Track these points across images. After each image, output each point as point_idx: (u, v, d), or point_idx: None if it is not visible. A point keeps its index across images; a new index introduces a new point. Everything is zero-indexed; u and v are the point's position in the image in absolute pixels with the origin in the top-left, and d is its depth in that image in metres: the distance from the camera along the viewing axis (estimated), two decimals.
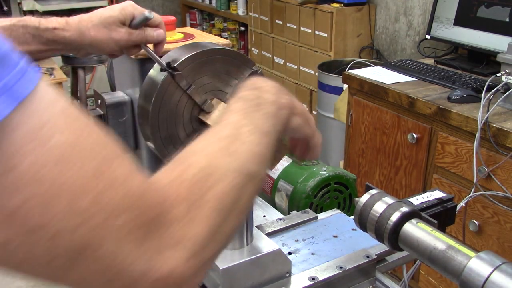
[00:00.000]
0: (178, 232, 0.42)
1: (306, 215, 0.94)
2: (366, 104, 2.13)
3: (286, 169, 1.08)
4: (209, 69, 1.06)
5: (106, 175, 0.38)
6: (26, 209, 0.34)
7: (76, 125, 0.38)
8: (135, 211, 0.39)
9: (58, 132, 0.36)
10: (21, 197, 0.34)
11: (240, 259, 0.71)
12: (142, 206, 0.40)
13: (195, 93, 1.04)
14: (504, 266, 0.54)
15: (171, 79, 1.01)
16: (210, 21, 4.55)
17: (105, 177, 0.38)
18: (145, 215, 0.40)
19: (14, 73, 0.35)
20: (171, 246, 0.41)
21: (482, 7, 2.12)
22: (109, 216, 0.37)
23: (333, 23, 2.86)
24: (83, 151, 0.37)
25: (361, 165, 2.24)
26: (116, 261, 0.38)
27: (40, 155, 0.35)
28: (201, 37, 1.32)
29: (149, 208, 0.40)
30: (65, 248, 0.36)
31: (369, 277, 0.81)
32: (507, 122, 1.60)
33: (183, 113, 1.06)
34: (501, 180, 1.61)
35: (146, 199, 0.40)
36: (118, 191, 0.38)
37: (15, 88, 0.34)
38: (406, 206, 0.65)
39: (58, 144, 0.36)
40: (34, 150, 0.35)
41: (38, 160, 0.35)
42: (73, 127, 0.37)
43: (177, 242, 0.42)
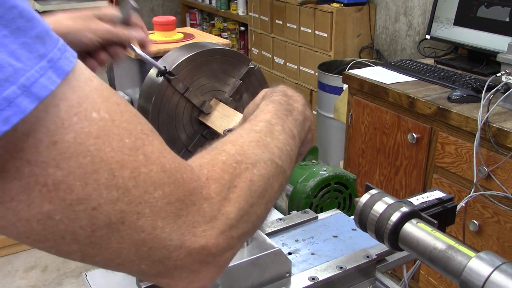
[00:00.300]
0: (211, 209, 0.44)
1: (306, 215, 0.94)
2: (366, 104, 2.13)
3: None
4: (206, 70, 1.06)
5: (141, 151, 0.39)
6: (68, 182, 0.35)
7: (111, 102, 0.39)
8: (170, 185, 0.40)
9: (96, 108, 0.37)
10: (64, 171, 0.35)
11: (240, 259, 0.71)
12: (176, 182, 0.41)
13: (193, 96, 1.04)
14: (504, 266, 0.54)
15: (168, 83, 1.01)
16: (210, 21, 4.56)
17: (140, 152, 0.39)
18: (180, 190, 0.41)
19: (57, 50, 0.35)
20: (205, 222, 0.43)
21: (482, 7, 2.12)
22: (146, 190, 0.39)
23: (333, 23, 2.86)
24: (119, 127, 0.38)
25: (361, 165, 2.24)
26: (153, 234, 0.40)
27: (81, 129, 0.36)
28: (201, 37, 1.32)
29: (183, 184, 0.42)
30: (105, 220, 0.37)
31: (369, 277, 0.81)
32: (507, 122, 1.60)
33: (183, 115, 1.06)
34: (501, 180, 1.61)
35: (180, 175, 0.42)
36: (153, 166, 0.39)
37: (59, 64, 0.35)
38: (406, 206, 0.65)
39: (97, 119, 0.37)
40: (76, 124, 0.36)
41: (79, 135, 0.36)
42: (108, 104, 0.38)
43: (210, 219, 0.43)
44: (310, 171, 1.04)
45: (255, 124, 0.56)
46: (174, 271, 0.43)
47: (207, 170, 0.46)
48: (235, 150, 0.50)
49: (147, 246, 0.40)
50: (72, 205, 0.36)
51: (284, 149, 0.55)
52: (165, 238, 0.40)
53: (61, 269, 2.44)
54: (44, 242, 0.37)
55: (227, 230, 0.45)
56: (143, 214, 0.39)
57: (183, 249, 0.42)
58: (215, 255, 0.44)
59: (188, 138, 1.07)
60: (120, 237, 0.38)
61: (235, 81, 1.10)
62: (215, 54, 1.06)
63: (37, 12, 0.36)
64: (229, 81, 1.10)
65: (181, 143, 1.07)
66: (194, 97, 1.05)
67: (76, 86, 0.36)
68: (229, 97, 1.09)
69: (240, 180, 0.47)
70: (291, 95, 0.66)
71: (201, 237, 0.42)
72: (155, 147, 0.41)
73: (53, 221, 0.36)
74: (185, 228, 0.41)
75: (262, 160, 0.51)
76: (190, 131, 1.08)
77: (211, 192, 0.44)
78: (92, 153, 0.36)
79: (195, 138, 1.08)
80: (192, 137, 1.08)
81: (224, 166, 0.47)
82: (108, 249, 0.39)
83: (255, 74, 1.11)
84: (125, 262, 0.40)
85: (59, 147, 0.35)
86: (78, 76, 0.37)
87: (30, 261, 2.50)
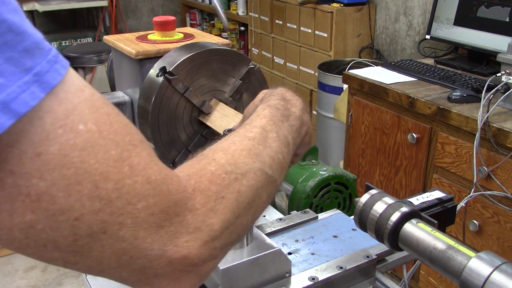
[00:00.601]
0: (195, 221, 0.44)
1: (306, 215, 0.94)
2: (366, 104, 2.13)
3: None
4: (206, 70, 1.06)
5: (127, 162, 0.40)
6: (51, 193, 0.36)
7: (100, 113, 0.39)
8: (154, 197, 0.41)
9: (84, 120, 0.37)
10: (47, 182, 0.36)
11: (240, 259, 0.71)
12: (161, 193, 0.41)
13: (192, 96, 1.04)
14: (504, 266, 0.54)
15: (168, 83, 1.01)
16: (210, 21, 4.56)
17: (126, 164, 0.39)
18: (164, 202, 0.42)
19: (45, 62, 0.36)
20: (188, 233, 0.43)
21: (482, 7, 2.12)
22: (129, 201, 0.39)
23: (333, 23, 2.86)
24: (106, 139, 0.39)
25: (361, 165, 2.24)
26: (134, 243, 0.40)
27: (66, 142, 0.36)
28: (201, 37, 1.32)
29: (168, 195, 0.42)
30: (86, 230, 0.38)
31: (369, 277, 0.81)
32: (507, 122, 1.60)
33: (183, 115, 1.06)
34: (501, 180, 1.61)
35: (165, 187, 0.42)
36: (138, 178, 0.40)
37: (46, 77, 0.36)
38: (406, 206, 0.65)
39: (83, 131, 0.37)
40: (61, 137, 0.36)
41: (64, 147, 0.36)
42: (97, 115, 0.39)
43: (194, 230, 0.44)
44: (310, 171, 1.04)
45: (250, 130, 0.56)
46: (155, 279, 0.44)
47: (194, 181, 0.46)
48: (225, 159, 0.50)
49: (128, 255, 0.40)
50: (55, 215, 0.36)
51: (276, 158, 0.55)
52: (146, 248, 0.41)
53: (61, 269, 2.44)
54: (26, 249, 0.38)
55: (210, 241, 0.45)
56: (125, 225, 0.39)
57: (164, 258, 0.42)
58: (197, 265, 0.45)
59: (188, 138, 1.07)
60: (101, 246, 0.39)
61: (235, 81, 1.10)
62: (215, 54, 1.06)
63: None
64: (229, 81, 1.10)
65: (181, 143, 1.07)
66: (194, 97, 1.05)
67: (64, 98, 0.37)
68: (229, 97, 1.09)
69: (228, 191, 0.47)
70: (289, 99, 0.66)
71: (183, 247, 0.43)
72: (142, 158, 0.41)
73: (35, 230, 0.36)
74: (167, 238, 0.42)
75: (252, 170, 0.51)
76: (190, 131, 1.08)
77: (196, 204, 0.44)
78: (76, 165, 0.37)
79: (195, 138, 1.08)
80: (192, 137, 1.08)
81: (212, 177, 0.47)
82: (89, 257, 0.39)
83: (255, 74, 1.11)
84: (106, 269, 0.41)
85: (43, 158, 0.35)
86: (68, 87, 0.37)
87: (30, 261, 2.50)
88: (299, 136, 0.63)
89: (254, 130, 0.56)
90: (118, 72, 1.33)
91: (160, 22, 1.34)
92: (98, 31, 4.34)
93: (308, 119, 0.66)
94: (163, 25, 1.33)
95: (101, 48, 3.18)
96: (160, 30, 1.33)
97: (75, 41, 4.24)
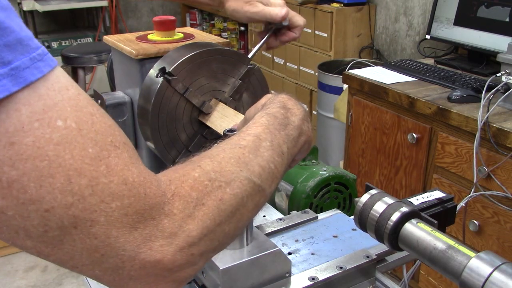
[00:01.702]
0: (171, 226, 0.44)
1: (306, 215, 0.94)
2: (366, 104, 2.13)
3: None
4: (206, 70, 1.06)
5: (105, 162, 0.40)
6: (22, 183, 0.37)
7: (83, 112, 0.40)
8: (130, 198, 0.41)
9: (63, 117, 0.39)
10: (19, 171, 0.37)
11: (240, 259, 0.71)
12: (137, 195, 0.42)
13: (192, 96, 1.04)
14: (504, 266, 0.54)
15: (167, 84, 1.01)
16: (210, 21, 4.56)
17: (103, 163, 0.40)
18: (139, 204, 0.42)
19: (28, 59, 0.37)
20: (163, 237, 0.43)
21: (482, 7, 2.12)
22: (103, 199, 0.40)
23: (333, 23, 2.86)
24: (86, 137, 0.39)
25: (361, 165, 2.24)
26: (106, 241, 0.41)
27: (42, 135, 0.37)
28: (201, 37, 1.32)
29: (144, 198, 0.42)
30: (57, 223, 0.38)
31: (369, 277, 0.81)
32: (507, 122, 1.60)
33: (183, 116, 1.06)
34: (501, 180, 1.61)
35: (142, 190, 0.42)
36: (114, 178, 0.40)
37: (24, 72, 0.37)
38: (406, 206, 0.65)
39: (61, 127, 0.38)
40: (37, 129, 0.37)
41: (39, 139, 0.37)
42: (79, 114, 0.40)
43: (170, 235, 0.44)
44: (310, 171, 1.04)
45: (243, 138, 0.56)
46: (130, 282, 0.44)
47: (175, 186, 0.46)
48: (211, 166, 0.49)
49: (100, 253, 0.41)
50: (25, 204, 0.37)
51: (267, 167, 0.54)
52: (119, 248, 0.41)
53: (61, 269, 2.44)
54: (1, 233, 0.39)
55: (187, 247, 0.45)
56: (97, 222, 0.40)
57: (137, 261, 0.42)
58: (172, 270, 0.45)
59: (188, 138, 1.07)
60: (72, 240, 0.40)
61: (234, 81, 1.10)
62: (214, 54, 1.06)
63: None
64: (229, 81, 1.10)
65: (181, 144, 1.07)
66: (193, 97, 1.05)
67: (44, 94, 0.38)
68: (228, 97, 1.09)
69: (209, 198, 0.47)
70: (290, 108, 0.65)
71: (157, 251, 0.43)
72: (122, 159, 0.41)
73: (6, 216, 0.38)
74: (141, 240, 0.42)
75: (238, 179, 0.50)
76: (190, 132, 1.08)
77: (174, 209, 0.44)
78: (50, 158, 0.37)
79: (195, 138, 1.08)
80: (192, 137, 1.08)
81: (194, 183, 0.47)
82: (61, 250, 0.40)
83: (254, 74, 1.11)
84: (78, 265, 0.42)
85: (16, 148, 0.37)
86: (51, 85, 0.39)
87: (30, 261, 2.50)
88: (296, 146, 0.62)
89: (247, 138, 0.56)
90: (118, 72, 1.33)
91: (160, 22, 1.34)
92: (98, 31, 4.34)
93: (308, 129, 0.66)
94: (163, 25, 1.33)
95: (101, 48, 3.18)
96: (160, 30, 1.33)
97: (75, 41, 4.24)
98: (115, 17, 4.39)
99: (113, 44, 1.25)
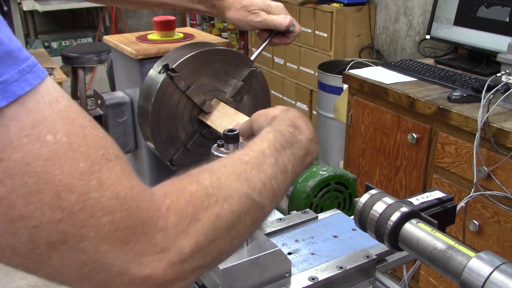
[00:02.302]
0: (164, 241, 0.43)
1: (306, 215, 0.94)
2: (366, 104, 2.13)
3: None
4: (208, 69, 1.06)
5: (96, 176, 0.39)
6: (11, 199, 0.36)
7: (74, 125, 0.39)
8: (121, 212, 0.40)
9: (53, 131, 0.38)
10: (7, 187, 0.36)
11: (240, 259, 0.71)
12: (130, 209, 0.41)
13: (194, 94, 1.04)
14: (504, 266, 0.54)
15: (170, 80, 1.01)
16: (210, 21, 4.56)
17: (94, 177, 0.39)
18: (132, 219, 0.41)
19: (16, 72, 0.36)
20: (155, 252, 0.43)
21: (482, 7, 2.12)
22: (93, 214, 0.39)
23: (333, 23, 2.86)
24: (76, 151, 0.39)
25: (361, 165, 2.24)
26: (95, 257, 0.40)
27: (31, 150, 0.37)
28: (201, 37, 1.32)
29: (136, 212, 0.42)
30: (46, 238, 0.38)
31: (369, 277, 0.81)
32: (507, 122, 1.60)
33: (183, 114, 1.06)
34: (501, 180, 1.61)
35: (135, 204, 0.42)
36: (105, 192, 0.40)
37: (13, 86, 0.36)
38: (406, 206, 0.65)
39: (51, 142, 0.37)
40: (26, 145, 0.36)
41: (28, 155, 0.37)
42: (70, 127, 0.39)
43: (161, 250, 0.43)
44: (310, 171, 1.04)
45: (246, 153, 0.55)
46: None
47: (170, 200, 0.45)
48: (210, 181, 0.49)
49: (88, 268, 0.40)
50: (13, 220, 0.37)
51: (269, 185, 0.54)
52: (107, 263, 0.41)
53: None
54: None
55: (179, 263, 0.44)
56: (86, 237, 0.39)
57: (125, 276, 0.42)
58: (162, 285, 0.44)
59: (187, 137, 1.07)
60: (61, 256, 0.39)
61: (236, 82, 1.10)
62: (217, 54, 1.06)
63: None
64: (231, 82, 1.10)
65: (180, 142, 1.07)
66: (195, 95, 1.05)
67: (34, 108, 0.37)
68: (229, 98, 1.09)
69: (205, 214, 0.46)
70: (299, 126, 0.64)
71: (148, 267, 0.42)
72: (114, 173, 0.41)
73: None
74: (131, 255, 0.41)
75: (237, 195, 0.49)
76: (189, 130, 1.08)
77: (168, 224, 0.44)
78: (38, 174, 0.37)
79: (195, 137, 1.08)
80: (191, 136, 1.08)
81: (190, 198, 0.46)
82: (49, 266, 0.39)
83: (256, 77, 1.12)
84: (67, 280, 0.41)
85: (4, 164, 0.36)
86: (41, 97, 0.38)
87: None
88: (301, 165, 0.61)
89: (251, 153, 0.55)
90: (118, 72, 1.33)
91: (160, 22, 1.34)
92: (98, 31, 4.34)
93: (315, 149, 0.65)
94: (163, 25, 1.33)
95: (101, 48, 3.18)
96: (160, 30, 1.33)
97: (75, 41, 4.24)
98: (115, 17, 4.39)
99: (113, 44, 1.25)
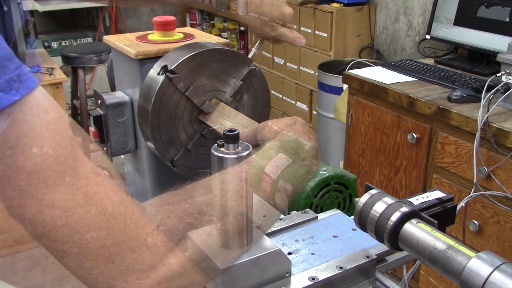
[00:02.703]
0: (152, 258, 0.42)
1: (306, 215, 0.94)
2: (366, 104, 2.13)
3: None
4: (207, 70, 1.06)
5: (82, 191, 0.38)
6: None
7: (62, 137, 0.38)
8: (108, 229, 0.39)
9: (40, 143, 0.36)
10: None
11: (240, 259, 0.71)
12: (116, 226, 0.40)
13: (193, 95, 1.04)
14: (504, 266, 0.54)
15: (169, 82, 1.01)
16: (210, 21, 4.55)
17: (80, 192, 0.38)
18: (118, 235, 0.40)
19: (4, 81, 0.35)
20: (141, 270, 0.41)
21: (482, 7, 2.12)
22: (77, 230, 0.38)
23: (333, 23, 2.86)
24: (63, 164, 0.37)
25: (361, 165, 2.24)
26: (78, 273, 0.39)
27: (14, 163, 0.35)
28: (201, 37, 1.32)
29: (124, 229, 0.40)
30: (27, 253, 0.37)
31: (369, 277, 0.81)
32: (507, 122, 1.60)
33: (183, 114, 1.06)
34: (501, 180, 1.61)
35: (123, 220, 0.40)
36: (91, 208, 0.38)
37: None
38: (406, 206, 0.65)
39: (36, 155, 0.36)
40: (9, 157, 0.35)
41: (11, 168, 0.35)
42: (58, 139, 0.37)
43: (149, 268, 0.42)
44: None
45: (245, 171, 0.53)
46: None
47: (161, 217, 0.44)
48: (204, 198, 0.47)
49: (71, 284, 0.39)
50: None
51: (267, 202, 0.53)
52: (91, 280, 0.39)
53: (61, 269, 2.43)
54: None
55: (165, 281, 0.43)
56: (69, 253, 0.38)
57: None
58: None
59: (187, 137, 1.07)
60: (42, 270, 0.38)
61: (235, 82, 1.10)
62: (216, 54, 1.07)
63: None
64: (230, 81, 1.10)
65: (180, 143, 1.07)
66: (194, 96, 1.05)
67: (20, 120, 0.35)
68: (229, 97, 1.09)
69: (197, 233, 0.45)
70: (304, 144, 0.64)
71: (133, 284, 0.41)
72: (102, 188, 0.39)
73: None
74: (116, 272, 0.40)
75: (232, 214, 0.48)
76: (190, 131, 1.08)
77: (157, 241, 0.42)
78: (21, 188, 0.36)
79: (195, 137, 1.08)
80: (191, 136, 1.08)
81: (183, 215, 0.45)
82: (29, 281, 0.38)
83: (256, 76, 1.12)
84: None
85: None
86: (29, 108, 0.36)
87: (30, 261, 2.50)
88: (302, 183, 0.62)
89: (250, 170, 0.54)
90: (118, 72, 1.33)
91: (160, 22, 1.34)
92: (98, 31, 4.34)
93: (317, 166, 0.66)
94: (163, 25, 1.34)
95: (101, 48, 3.18)
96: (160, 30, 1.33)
97: (75, 41, 4.24)
98: (115, 17, 4.39)
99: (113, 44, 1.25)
